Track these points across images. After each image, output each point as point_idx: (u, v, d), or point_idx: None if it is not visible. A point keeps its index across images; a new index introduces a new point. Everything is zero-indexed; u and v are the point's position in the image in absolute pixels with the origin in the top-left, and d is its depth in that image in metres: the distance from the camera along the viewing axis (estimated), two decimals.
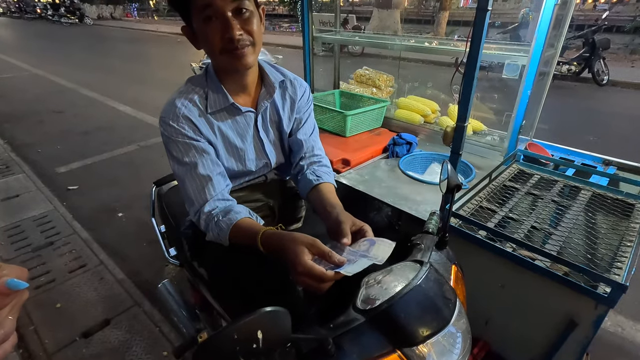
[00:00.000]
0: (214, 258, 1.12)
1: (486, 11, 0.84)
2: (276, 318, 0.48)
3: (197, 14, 0.85)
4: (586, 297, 0.86)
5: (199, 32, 0.87)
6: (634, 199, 1.21)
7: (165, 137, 0.95)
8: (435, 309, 0.66)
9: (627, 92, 7.01)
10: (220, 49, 0.86)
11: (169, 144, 0.95)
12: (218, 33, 0.84)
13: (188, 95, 0.95)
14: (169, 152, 0.96)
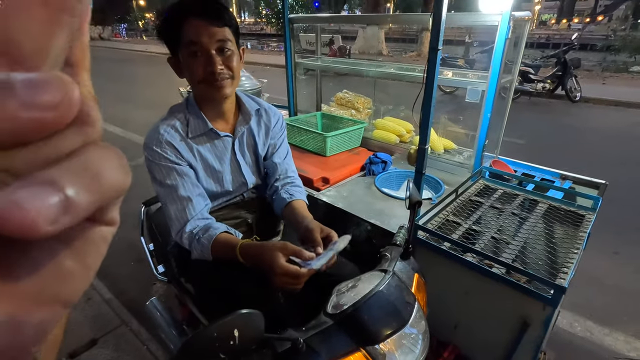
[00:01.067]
0: (199, 274, 1.20)
1: (437, 50, 0.97)
2: (251, 319, 0.56)
3: (184, 49, 0.96)
4: (535, 299, 0.96)
5: (185, 63, 0.98)
6: (585, 210, 1.34)
7: (149, 161, 1.02)
8: (395, 311, 0.75)
9: (599, 108, 7.39)
10: (202, 79, 0.97)
11: (152, 167, 1.02)
12: (201, 66, 0.95)
13: (170, 121, 1.04)
14: (153, 176, 1.03)
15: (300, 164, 1.76)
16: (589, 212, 1.33)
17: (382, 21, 7.81)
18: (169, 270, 1.41)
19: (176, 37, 0.95)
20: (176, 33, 0.94)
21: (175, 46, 0.98)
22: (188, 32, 0.93)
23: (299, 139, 2.01)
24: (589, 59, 13.56)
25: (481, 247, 1.14)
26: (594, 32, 25.11)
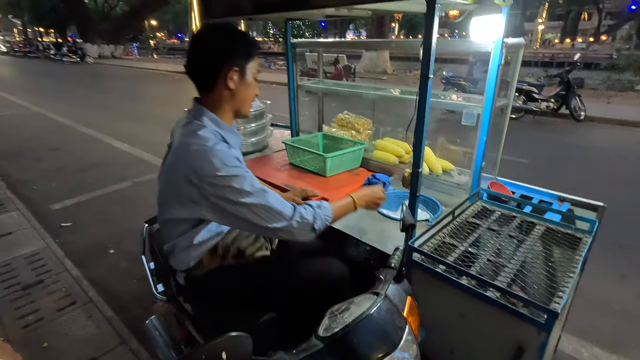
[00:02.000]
0: (198, 293, 1.22)
1: (428, 78, 1.01)
2: (239, 342, 0.58)
3: (249, 73, 1.10)
4: (529, 324, 0.96)
5: (246, 84, 1.11)
6: (582, 233, 1.34)
7: (234, 178, 1.01)
8: (385, 335, 0.76)
9: (604, 127, 7.38)
10: (250, 100, 1.16)
11: (241, 182, 1.01)
12: (254, 91, 1.15)
13: (219, 143, 1.06)
14: (242, 189, 1.01)
15: (300, 183, 1.79)
16: (586, 234, 1.33)
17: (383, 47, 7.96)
18: (168, 290, 1.43)
19: (247, 60, 1.08)
20: (248, 59, 1.08)
21: (241, 62, 1.07)
22: (255, 64, 1.11)
23: (299, 159, 2.04)
24: (594, 77, 13.60)
25: (477, 269, 1.14)
26: (598, 51, 25.33)
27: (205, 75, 1.08)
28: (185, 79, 1.14)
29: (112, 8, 31.04)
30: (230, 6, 1.56)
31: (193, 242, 1.14)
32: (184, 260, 1.18)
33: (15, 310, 2.29)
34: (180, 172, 1.02)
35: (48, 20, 31.49)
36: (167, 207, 1.12)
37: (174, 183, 1.06)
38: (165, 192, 1.13)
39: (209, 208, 1.03)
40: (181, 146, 1.05)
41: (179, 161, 1.04)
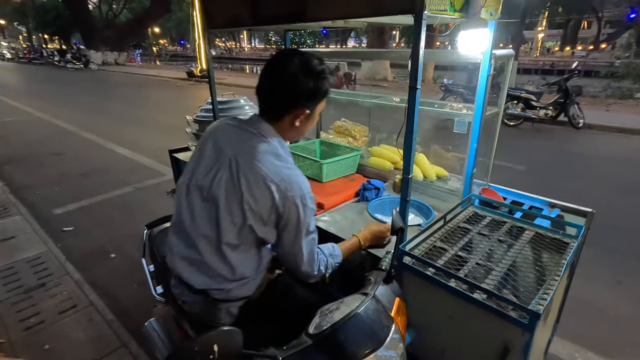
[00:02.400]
0: (251, 317, 1.18)
1: (416, 89, 1.06)
2: (230, 336, 0.62)
3: (316, 109, 1.09)
4: (514, 325, 1.00)
5: (310, 118, 1.10)
6: (570, 238, 1.38)
7: (311, 210, 1.04)
8: (371, 333, 0.80)
9: (602, 134, 7.42)
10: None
11: (311, 219, 1.06)
12: (313, 124, 1.16)
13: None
14: (308, 226, 1.05)
15: None
16: (573, 239, 1.37)
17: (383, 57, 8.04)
18: (167, 291, 1.47)
19: (320, 102, 1.08)
20: (321, 101, 1.09)
21: (314, 105, 1.08)
22: (324, 103, 1.11)
23: (297, 165, 2.09)
24: (593, 85, 13.69)
25: (465, 273, 1.18)
26: (598, 59, 25.48)
27: (277, 106, 1.06)
28: (187, 86, 1.19)
29: (115, 16, 31.44)
30: (231, 18, 1.62)
31: (261, 266, 1.12)
32: (248, 288, 1.11)
33: (17, 313, 2.32)
34: (259, 188, 0.97)
35: (53, 28, 31.86)
36: (227, 226, 1.01)
37: (242, 199, 0.98)
38: (225, 209, 1.01)
39: (277, 230, 1.04)
40: (263, 162, 0.99)
41: (259, 176, 0.98)
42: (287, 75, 1.01)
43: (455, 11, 1.12)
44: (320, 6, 1.25)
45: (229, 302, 1.10)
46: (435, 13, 1.04)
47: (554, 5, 28.91)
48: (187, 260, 1.09)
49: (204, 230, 1.04)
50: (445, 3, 1.06)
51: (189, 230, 1.08)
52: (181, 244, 1.10)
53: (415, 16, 1.00)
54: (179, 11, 32.50)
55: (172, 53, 40.98)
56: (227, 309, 1.10)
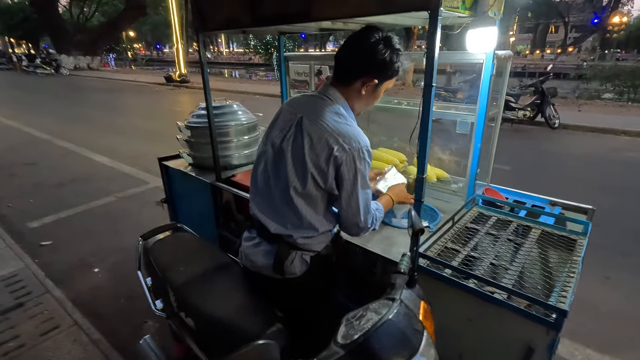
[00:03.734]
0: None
1: (431, 87, 1.04)
2: (266, 350, 0.57)
3: (386, 84, 1.17)
4: (538, 324, 0.99)
5: (376, 96, 1.20)
6: (576, 235, 1.39)
7: (368, 164, 1.13)
8: (405, 340, 0.76)
9: (577, 134, 7.74)
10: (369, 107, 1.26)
11: (366, 170, 1.13)
12: (377, 101, 1.25)
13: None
14: (364, 178, 1.14)
15: None
16: (580, 236, 1.38)
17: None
18: (167, 305, 1.38)
19: (389, 78, 1.16)
20: (391, 78, 1.16)
21: (383, 78, 1.15)
22: (392, 82, 1.18)
23: None
24: (563, 87, 14.28)
25: (481, 273, 1.16)
26: (566, 62, 26.72)
27: (350, 70, 1.14)
28: (165, 90, 1.15)
29: (87, 19, 30.46)
30: (228, 19, 1.56)
31: (327, 224, 1.22)
32: (317, 242, 1.23)
33: None
34: (320, 142, 1.09)
35: (20, 31, 30.50)
36: (293, 177, 1.14)
37: (304, 152, 1.10)
38: (292, 161, 1.14)
39: (336, 182, 1.12)
40: (324, 119, 1.11)
41: (320, 131, 1.09)
42: (368, 42, 1.08)
43: (466, 9, 1.12)
44: (327, 4, 1.21)
45: (302, 251, 1.21)
46: (448, 10, 1.03)
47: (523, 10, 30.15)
48: (264, 211, 1.23)
49: (275, 181, 1.19)
50: (457, 0, 1.05)
51: (264, 185, 1.23)
52: (259, 198, 1.25)
53: (430, 13, 0.99)
54: (154, 14, 31.82)
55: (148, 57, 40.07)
56: (301, 256, 1.21)
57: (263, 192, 1.24)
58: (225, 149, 2.27)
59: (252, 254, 1.27)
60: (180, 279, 1.33)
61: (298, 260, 1.21)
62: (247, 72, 20.57)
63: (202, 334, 1.23)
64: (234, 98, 2.77)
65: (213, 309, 1.19)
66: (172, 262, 1.44)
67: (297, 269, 1.21)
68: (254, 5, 1.42)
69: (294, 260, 1.20)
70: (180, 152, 2.49)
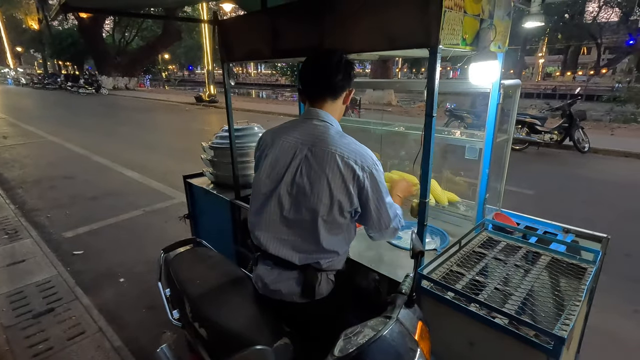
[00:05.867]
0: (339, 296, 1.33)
1: (432, 117, 1.11)
2: (262, 356, 0.63)
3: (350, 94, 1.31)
4: (538, 351, 0.99)
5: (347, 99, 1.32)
6: (587, 263, 1.38)
7: (382, 174, 1.24)
8: (397, 356, 0.80)
9: (608, 159, 7.42)
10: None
11: (383, 179, 1.23)
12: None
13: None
14: (385, 187, 1.24)
15: None
16: (590, 265, 1.37)
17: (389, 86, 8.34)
18: (183, 315, 1.47)
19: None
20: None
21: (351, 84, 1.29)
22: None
23: None
24: (596, 109, 13.81)
25: (484, 297, 1.18)
26: (599, 84, 25.86)
27: (335, 87, 1.24)
28: (195, 109, 1.28)
29: (128, 43, 32.66)
30: (250, 51, 1.71)
31: (348, 244, 1.30)
32: (339, 262, 1.30)
33: (25, 339, 2.31)
34: (340, 167, 1.15)
35: (67, 55, 33.10)
36: (318, 208, 1.18)
37: (327, 180, 1.15)
38: (313, 193, 1.17)
39: (360, 200, 1.19)
40: (335, 144, 1.17)
41: (336, 157, 1.16)
42: (342, 62, 1.21)
43: (467, 45, 1.19)
44: (337, 40, 1.32)
45: (327, 272, 1.27)
46: (448, 47, 1.11)
47: (553, 32, 29.67)
48: (283, 246, 1.25)
49: (296, 215, 1.21)
50: (457, 38, 1.12)
51: (281, 222, 1.24)
52: (271, 235, 1.26)
53: (430, 50, 1.07)
54: (189, 38, 33.67)
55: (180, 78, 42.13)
56: (327, 276, 1.27)
57: (279, 229, 1.25)
58: (245, 169, 2.39)
59: (273, 283, 1.28)
60: (196, 291, 1.41)
61: (325, 282, 1.26)
62: (273, 93, 21.25)
63: (213, 343, 1.30)
64: (260, 118, 2.92)
65: (224, 320, 1.26)
66: (190, 274, 1.53)
67: (324, 289, 1.26)
68: (272, 40, 1.55)
69: (321, 282, 1.25)
70: (204, 170, 2.64)
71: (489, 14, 1.22)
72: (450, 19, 1.04)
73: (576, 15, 27.81)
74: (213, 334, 1.28)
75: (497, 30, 1.24)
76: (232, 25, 1.86)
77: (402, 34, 1.11)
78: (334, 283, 1.30)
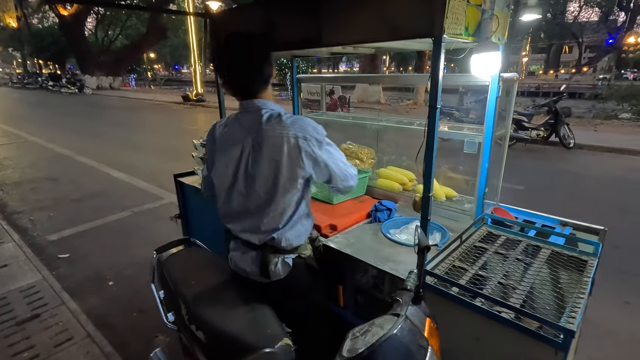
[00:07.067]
0: (301, 279, 1.36)
1: (436, 108, 1.08)
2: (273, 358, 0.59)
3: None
4: (546, 344, 0.98)
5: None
6: (587, 255, 1.38)
7: (323, 133, 1.26)
8: (409, 355, 0.78)
9: (593, 154, 7.61)
10: None
11: (325, 137, 1.27)
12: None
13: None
14: (330, 144, 1.29)
15: None
16: (590, 257, 1.37)
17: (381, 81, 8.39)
18: (178, 318, 1.42)
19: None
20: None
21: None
22: None
23: None
24: (578, 106, 14.12)
25: (489, 292, 1.16)
26: (581, 82, 26.51)
27: (267, 77, 1.27)
28: (182, 109, 1.28)
29: (111, 42, 31.95)
30: None
31: (306, 211, 1.33)
32: (297, 234, 1.32)
33: (9, 347, 2.21)
34: (284, 146, 1.19)
35: (48, 53, 32.20)
36: (275, 194, 1.23)
37: (278, 163, 1.20)
38: (267, 182, 1.23)
39: (312, 164, 1.22)
40: (276, 127, 1.21)
41: (280, 140, 1.19)
42: (265, 47, 1.25)
43: (470, 35, 1.17)
44: (337, 31, 1.29)
45: (285, 254, 1.31)
46: (452, 37, 1.08)
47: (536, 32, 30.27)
48: (245, 230, 1.32)
49: (253, 200, 1.27)
50: (460, 28, 1.10)
51: (243, 209, 1.30)
52: (236, 220, 1.34)
53: (434, 40, 1.04)
54: (174, 37, 33.16)
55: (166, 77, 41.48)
56: (283, 259, 1.31)
57: (242, 215, 1.32)
58: None
59: (240, 261, 1.36)
60: (191, 292, 1.36)
61: (281, 264, 1.31)
62: None
63: (212, 347, 1.25)
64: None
65: (223, 322, 1.22)
66: (184, 275, 1.48)
67: (280, 271, 1.31)
68: (270, 32, 1.50)
69: (278, 264, 1.30)
70: (195, 169, 2.57)
71: (490, 5, 1.21)
72: (454, 8, 1.02)
73: (558, 15, 28.45)
74: (211, 336, 1.23)
75: (499, 21, 1.23)
76: (225, 18, 1.81)
77: (405, 24, 1.09)
78: (291, 267, 1.33)
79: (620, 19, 29.77)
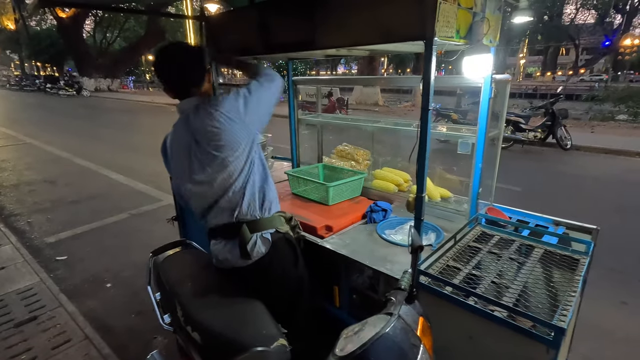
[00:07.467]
0: (278, 256, 1.39)
1: (427, 110, 1.10)
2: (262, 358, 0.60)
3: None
4: (538, 342, 0.99)
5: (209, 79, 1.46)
6: (579, 254, 1.40)
7: (241, 94, 1.34)
8: (401, 353, 0.79)
9: (590, 155, 7.64)
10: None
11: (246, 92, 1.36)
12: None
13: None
14: (252, 90, 1.37)
15: (303, 212, 1.84)
16: (582, 256, 1.38)
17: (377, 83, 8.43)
18: (175, 320, 1.42)
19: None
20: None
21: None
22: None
23: (302, 189, 2.11)
24: (576, 108, 14.18)
25: (482, 291, 1.18)
26: (578, 84, 26.64)
27: (200, 78, 1.38)
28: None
29: (109, 44, 31.97)
30: (241, 47, 1.67)
31: (263, 176, 1.39)
32: (262, 200, 1.38)
33: (6, 349, 2.21)
34: (214, 127, 1.26)
35: (46, 55, 32.17)
36: (226, 168, 1.30)
37: (215, 145, 1.27)
38: (219, 163, 1.29)
39: (249, 117, 1.30)
40: (208, 118, 1.28)
41: (211, 125, 1.27)
42: (196, 52, 1.37)
43: (461, 38, 1.19)
44: (330, 34, 1.30)
45: (261, 230, 1.36)
46: (443, 39, 1.10)
47: (533, 34, 30.43)
48: (217, 219, 1.39)
49: (217, 192, 1.34)
50: (452, 30, 1.12)
51: (212, 203, 1.37)
52: (210, 214, 1.40)
53: (426, 42, 1.06)
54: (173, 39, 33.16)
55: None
56: (261, 235, 1.36)
57: (213, 209, 1.39)
58: None
59: (220, 253, 1.40)
60: (187, 293, 1.37)
61: (260, 240, 1.36)
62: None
63: (207, 348, 1.26)
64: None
65: (218, 323, 1.23)
66: (180, 277, 1.49)
67: (261, 248, 1.35)
68: (264, 35, 1.52)
69: (257, 242, 1.35)
70: None
71: (481, 7, 1.23)
72: (445, 11, 1.03)
73: (555, 17, 28.61)
74: (207, 338, 1.24)
75: (489, 23, 1.25)
76: (221, 21, 1.83)
77: (397, 27, 1.10)
78: (270, 242, 1.37)
79: (617, 21, 30.00)
